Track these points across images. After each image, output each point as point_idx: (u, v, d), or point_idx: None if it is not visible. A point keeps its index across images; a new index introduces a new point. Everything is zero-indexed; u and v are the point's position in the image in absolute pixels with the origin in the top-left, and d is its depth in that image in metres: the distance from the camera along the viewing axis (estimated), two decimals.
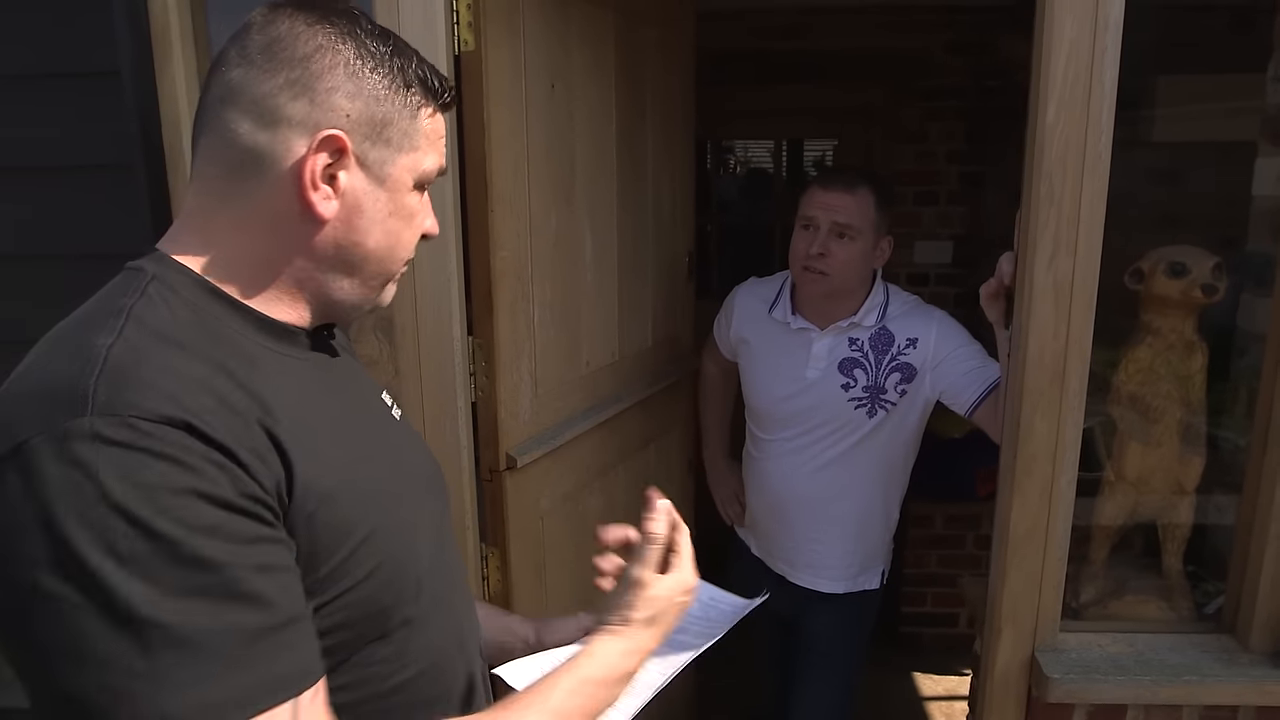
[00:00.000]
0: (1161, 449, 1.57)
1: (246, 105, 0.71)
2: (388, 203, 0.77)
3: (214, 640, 0.57)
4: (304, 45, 0.71)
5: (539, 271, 1.61)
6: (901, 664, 3.12)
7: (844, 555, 1.90)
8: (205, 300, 0.71)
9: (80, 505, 0.56)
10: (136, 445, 0.58)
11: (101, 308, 0.68)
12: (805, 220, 1.76)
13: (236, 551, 0.60)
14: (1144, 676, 1.42)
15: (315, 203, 0.72)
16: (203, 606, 0.57)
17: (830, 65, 3.27)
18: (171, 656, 0.56)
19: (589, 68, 1.72)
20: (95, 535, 0.56)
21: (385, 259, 0.79)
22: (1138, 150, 1.78)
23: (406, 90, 0.75)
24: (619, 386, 1.94)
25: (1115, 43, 1.25)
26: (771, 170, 4.17)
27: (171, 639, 0.56)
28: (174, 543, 0.57)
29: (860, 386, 1.79)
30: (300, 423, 0.69)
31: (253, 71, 0.71)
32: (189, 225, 0.74)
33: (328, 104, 0.71)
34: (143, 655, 0.55)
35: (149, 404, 0.60)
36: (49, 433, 0.58)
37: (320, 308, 0.79)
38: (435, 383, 1.43)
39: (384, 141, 0.75)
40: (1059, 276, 1.32)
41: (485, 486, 1.54)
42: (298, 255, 0.75)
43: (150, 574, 0.56)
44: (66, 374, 0.61)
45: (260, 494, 0.63)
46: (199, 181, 0.74)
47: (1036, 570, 1.43)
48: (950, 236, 3.45)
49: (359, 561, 0.71)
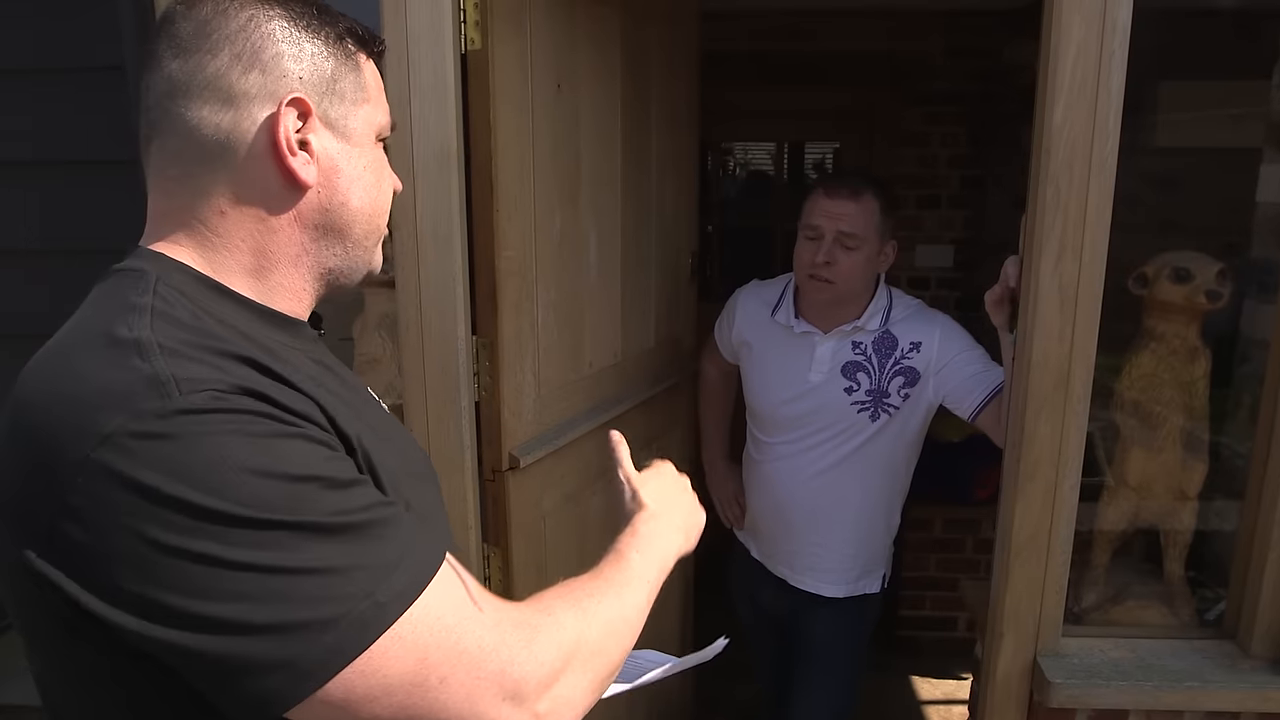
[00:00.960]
0: (1164, 455, 1.57)
1: (198, 92, 0.70)
2: (360, 157, 0.77)
3: (389, 530, 0.64)
4: (234, 20, 0.70)
5: (543, 272, 1.60)
6: (900, 667, 3.12)
7: (845, 559, 1.90)
8: (212, 298, 0.70)
9: (211, 473, 0.57)
10: (230, 407, 0.60)
11: (116, 306, 0.66)
12: (810, 230, 1.76)
13: (351, 471, 0.66)
14: (1146, 682, 1.42)
15: (296, 169, 0.72)
16: (364, 511, 0.63)
17: (831, 68, 3.27)
18: (373, 548, 0.63)
19: (595, 67, 1.72)
20: (242, 493, 0.58)
21: (371, 214, 0.79)
22: (1141, 155, 1.78)
23: (340, 43, 0.76)
24: (621, 387, 1.93)
25: (1123, 46, 1.25)
26: (772, 173, 4.17)
27: (362, 539, 0.62)
28: (302, 481, 0.61)
29: (863, 390, 1.79)
30: (335, 407, 0.70)
31: (193, 58, 0.70)
32: (169, 224, 0.73)
33: (278, 70, 0.71)
34: (355, 552, 0.62)
35: (219, 378, 0.61)
36: (140, 415, 0.58)
37: (319, 283, 0.79)
38: (439, 382, 1.42)
39: (338, 96, 0.75)
40: (1064, 280, 1.32)
41: (488, 486, 1.53)
42: (288, 230, 0.74)
43: (305, 508, 0.60)
44: (126, 367, 0.60)
45: (338, 444, 0.68)
46: (164, 184, 0.72)
47: (1039, 575, 1.43)
48: (951, 240, 3.45)
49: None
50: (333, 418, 0.68)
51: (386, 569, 0.62)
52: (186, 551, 0.57)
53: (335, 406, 0.69)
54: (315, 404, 0.67)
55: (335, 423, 0.68)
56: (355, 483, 0.65)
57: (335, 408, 0.69)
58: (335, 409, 0.69)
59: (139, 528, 0.57)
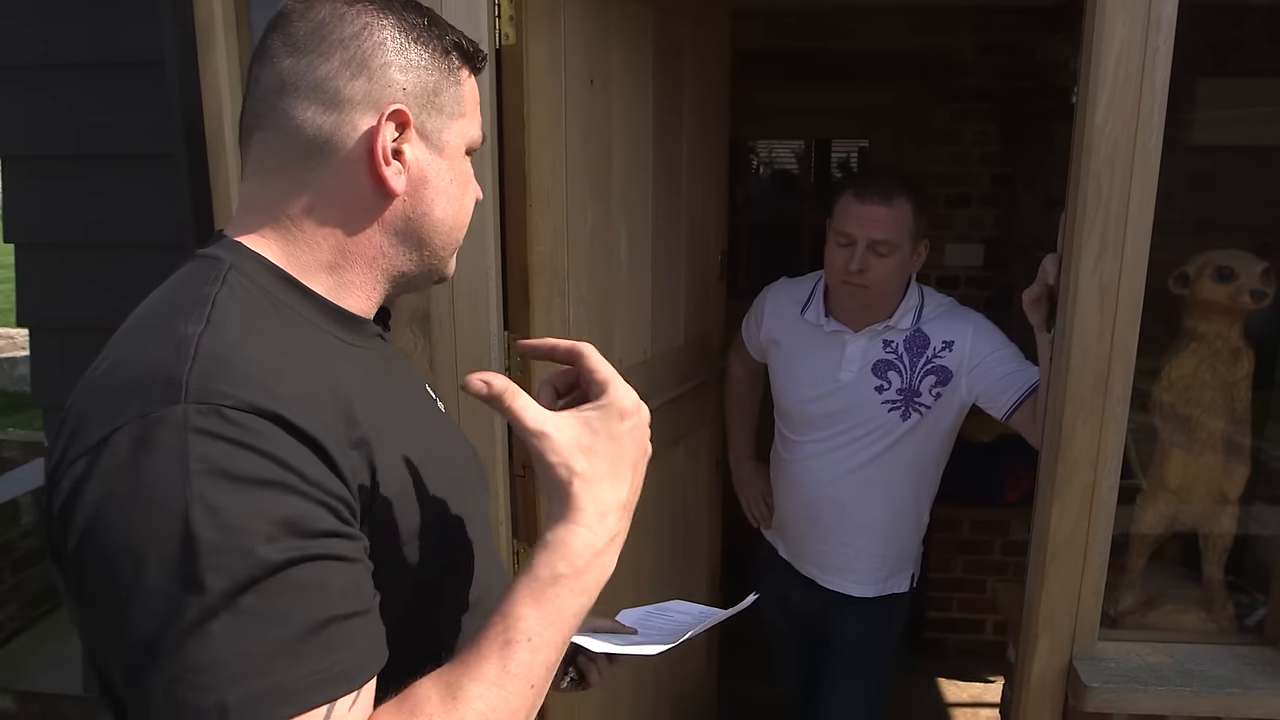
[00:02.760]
0: (1204, 457, 1.54)
1: (306, 92, 0.71)
2: (448, 170, 0.78)
3: (273, 632, 0.57)
4: (349, 26, 0.72)
5: (575, 268, 1.60)
6: (926, 669, 3.09)
7: (874, 559, 1.88)
8: (281, 289, 0.72)
9: (164, 491, 0.57)
10: (226, 435, 0.58)
11: (186, 296, 0.68)
12: (842, 237, 1.73)
13: (308, 546, 0.59)
14: (1184, 687, 1.40)
15: (388, 178, 0.73)
16: (266, 600, 0.57)
17: (860, 65, 3.25)
18: (232, 647, 0.56)
19: (627, 64, 1.71)
20: (175, 523, 0.56)
21: (452, 226, 0.80)
22: (1177, 153, 1.76)
23: (446, 57, 0.76)
24: (650, 384, 1.93)
25: (1168, 41, 1.23)
26: (797, 171, 4.15)
27: (233, 630, 0.56)
28: (251, 534, 0.57)
29: (894, 389, 1.77)
30: (375, 414, 0.70)
31: (305, 58, 0.71)
32: (257, 215, 0.74)
33: (384, 79, 0.72)
34: (206, 646, 0.56)
35: (240, 394, 0.60)
36: (142, 420, 0.59)
37: (391, 285, 0.79)
38: None
39: (437, 110, 0.76)
40: (1105, 279, 1.30)
41: (518, 482, 1.53)
42: (370, 233, 0.75)
43: (223, 567, 0.56)
44: (162, 363, 0.61)
45: (341, 488, 0.63)
46: (259, 175, 0.74)
47: (1076, 577, 1.41)
48: (981, 239, 3.42)
49: (425, 552, 0.72)
50: (360, 430, 0.66)
51: (259, 673, 0.56)
52: (101, 572, 0.58)
53: (371, 419, 0.68)
54: (345, 420, 0.66)
55: (362, 437, 0.67)
56: (303, 558, 0.59)
57: (370, 420, 0.68)
58: (369, 421, 0.68)
59: (81, 527, 0.59)
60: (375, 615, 0.65)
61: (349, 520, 0.63)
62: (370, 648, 0.63)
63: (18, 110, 1.64)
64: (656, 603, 1.19)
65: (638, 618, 1.13)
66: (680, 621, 1.09)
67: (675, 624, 1.09)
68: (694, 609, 1.15)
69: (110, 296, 0.70)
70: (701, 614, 1.12)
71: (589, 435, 0.70)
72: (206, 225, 1.40)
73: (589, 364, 0.74)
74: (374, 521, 0.67)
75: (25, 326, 1.69)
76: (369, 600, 0.64)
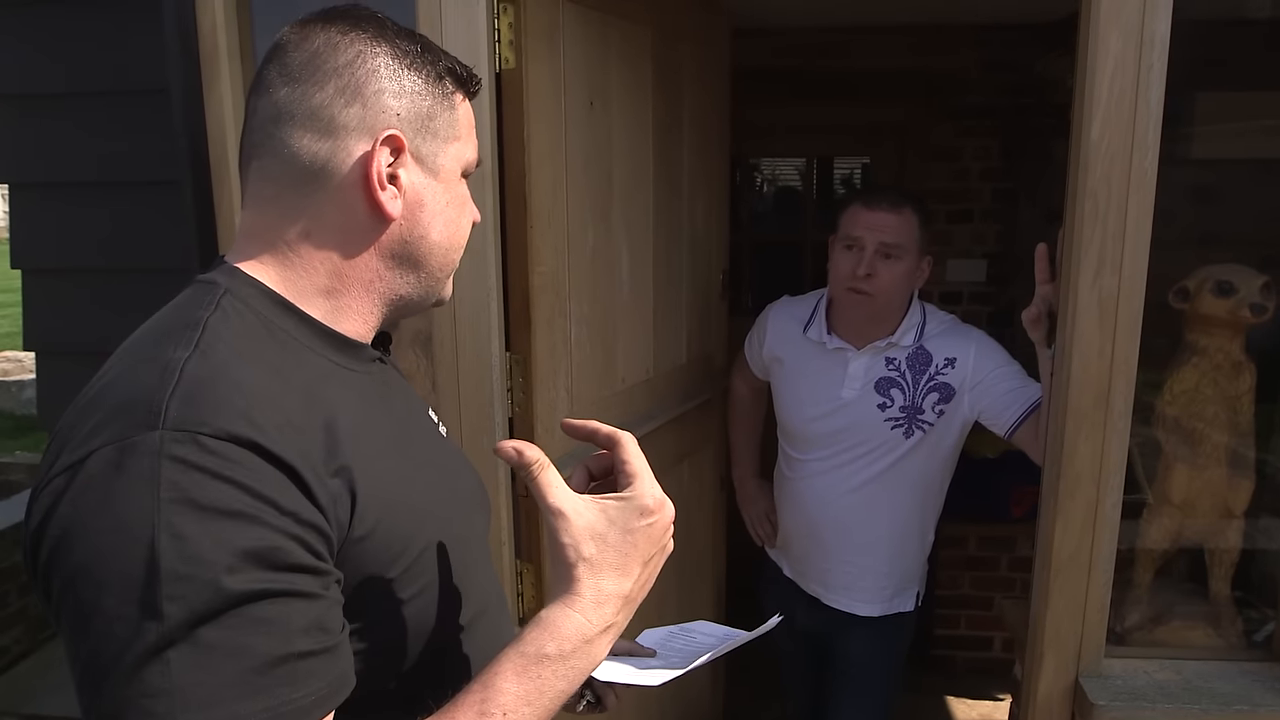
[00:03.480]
0: (1208, 472, 1.54)
1: (301, 120, 0.72)
2: (444, 193, 0.79)
3: (229, 664, 0.57)
4: (343, 54, 0.73)
5: (576, 288, 1.61)
6: (934, 687, 3.07)
7: (879, 577, 1.88)
8: (276, 313, 0.72)
9: (132, 516, 0.57)
10: (199, 464, 0.59)
11: (177, 320, 0.69)
12: (849, 240, 1.74)
13: (272, 580, 0.59)
14: (1193, 705, 1.39)
15: (384, 203, 0.74)
16: (226, 631, 0.57)
17: (862, 83, 3.26)
18: (187, 676, 0.56)
19: (627, 85, 1.73)
20: (140, 549, 0.57)
21: (449, 249, 0.81)
22: (1176, 167, 1.76)
23: (440, 82, 0.78)
24: (653, 403, 1.93)
25: (1161, 59, 1.23)
26: (800, 188, 4.16)
27: (190, 660, 0.56)
28: (214, 566, 0.57)
29: (897, 406, 1.77)
30: (362, 439, 0.70)
31: (300, 87, 0.73)
32: (255, 241, 0.75)
33: (378, 106, 0.73)
34: (161, 674, 0.56)
35: (218, 421, 0.60)
36: (119, 444, 0.59)
37: (389, 309, 0.80)
38: (473, 398, 1.43)
39: (431, 134, 0.77)
40: (1104, 294, 1.30)
41: (521, 502, 1.54)
42: (367, 258, 0.76)
43: (184, 597, 0.56)
44: (144, 387, 0.62)
45: (316, 517, 0.63)
46: (257, 203, 0.76)
47: (1080, 594, 1.40)
48: (984, 254, 3.42)
49: (413, 577, 0.72)
50: (342, 458, 0.67)
51: (211, 704, 0.56)
52: (64, 591, 0.59)
53: (357, 445, 0.69)
54: (328, 448, 0.66)
55: (344, 466, 0.67)
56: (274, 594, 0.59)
57: (356, 447, 0.68)
58: (355, 448, 0.68)
59: (50, 545, 0.60)
60: (339, 651, 0.64)
61: (321, 554, 0.63)
62: (329, 685, 0.63)
63: (25, 136, 1.66)
64: (680, 623, 1.18)
65: (659, 638, 1.12)
66: (702, 643, 1.08)
67: (696, 645, 1.08)
68: (718, 630, 1.13)
69: (116, 320, 0.72)
70: (724, 636, 1.11)
71: (605, 524, 0.71)
72: (211, 250, 1.41)
73: (623, 454, 0.75)
74: (355, 545, 0.67)
75: (32, 350, 1.71)
76: (335, 636, 0.64)
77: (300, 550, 0.61)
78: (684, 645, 1.09)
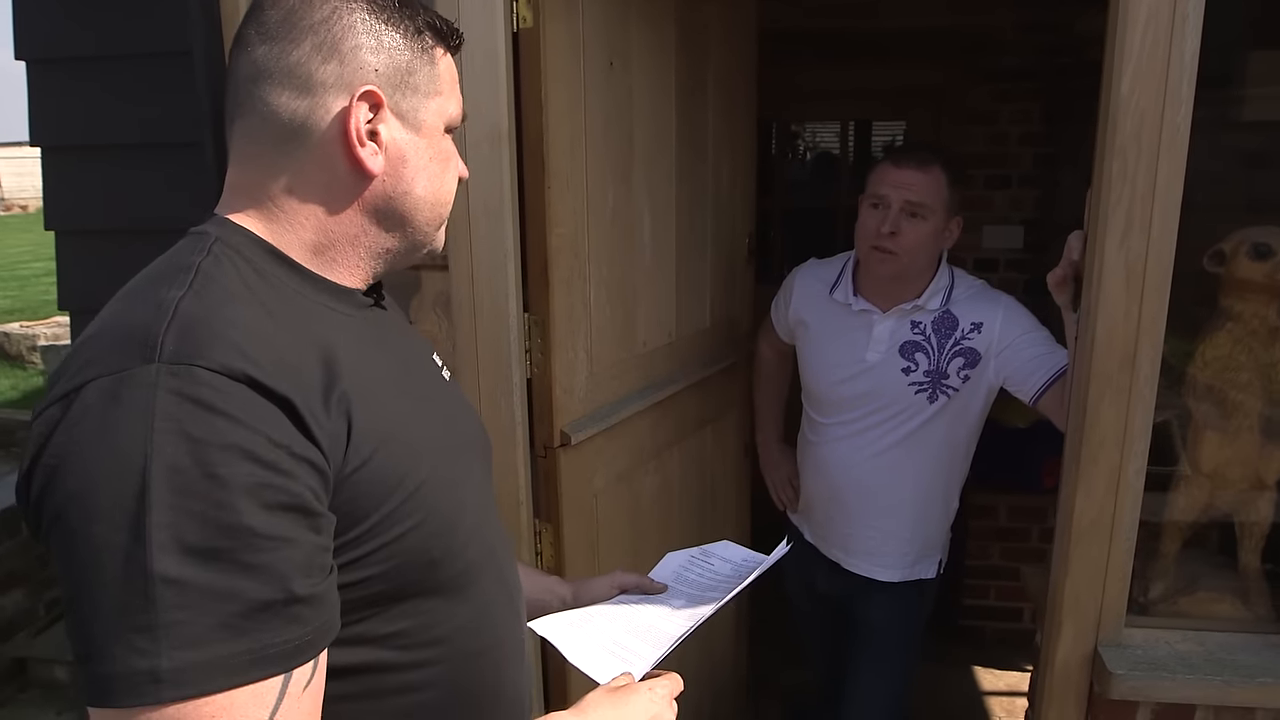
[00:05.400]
0: (1240, 441, 1.50)
1: (279, 78, 0.73)
2: (427, 148, 0.79)
3: (216, 605, 0.58)
4: (319, 11, 0.73)
5: (596, 250, 1.61)
6: (961, 657, 3.05)
7: (901, 543, 1.86)
8: (267, 261, 0.74)
9: (126, 447, 0.58)
10: (194, 396, 0.60)
11: (170, 265, 0.70)
12: (875, 199, 1.72)
13: (263, 520, 0.60)
14: (1215, 676, 1.36)
15: (364, 159, 0.75)
16: (214, 570, 0.58)
17: (898, 45, 3.19)
18: (174, 614, 0.57)
19: (649, 45, 1.71)
20: (133, 478, 0.58)
21: (434, 203, 0.81)
22: (1225, 130, 1.69)
23: (419, 36, 0.77)
24: (675, 367, 1.93)
25: (1197, 9, 1.18)
26: (838, 153, 4.10)
27: (177, 596, 0.57)
28: (205, 499, 0.58)
29: (921, 371, 1.75)
30: (359, 374, 0.71)
31: (277, 45, 0.73)
32: (241, 196, 0.76)
33: (355, 62, 0.73)
34: (146, 609, 0.56)
35: (214, 355, 0.61)
36: (115, 375, 0.61)
37: (378, 262, 0.81)
38: (491, 358, 1.44)
39: (411, 89, 0.77)
40: (1131, 256, 1.27)
41: (539, 463, 1.55)
42: (351, 214, 0.77)
43: (174, 527, 0.57)
44: (140, 323, 0.63)
45: (311, 451, 0.64)
46: (241, 160, 0.76)
47: (1101, 562, 1.38)
48: (1021, 221, 3.35)
49: (409, 512, 0.73)
50: (339, 390, 0.68)
51: (197, 643, 0.57)
52: (56, 519, 0.60)
53: (353, 380, 0.70)
54: (323, 381, 0.67)
55: (341, 398, 0.68)
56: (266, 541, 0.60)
57: (352, 381, 0.69)
58: (352, 382, 0.69)
59: (44, 473, 0.61)
60: (327, 597, 0.65)
61: (316, 492, 0.64)
62: (315, 630, 0.63)
63: (53, 100, 1.69)
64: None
65: (676, 566, 1.19)
66: (718, 571, 1.15)
67: (710, 579, 1.14)
68: (736, 554, 1.20)
69: None
70: (742, 561, 1.18)
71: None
72: None
73: None
74: (351, 477, 0.68)
75: (66, 310, 1.75)
76: (323, 580, 0.65)
77: (294, 486, 0.62)
78: (698, 577, 1.13)
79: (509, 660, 0.87)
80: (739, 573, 1.14)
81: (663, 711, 0.89)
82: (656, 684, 0.91)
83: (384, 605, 0.73)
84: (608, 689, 0.89)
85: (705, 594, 1.09)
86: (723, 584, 1.11)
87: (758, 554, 1.21)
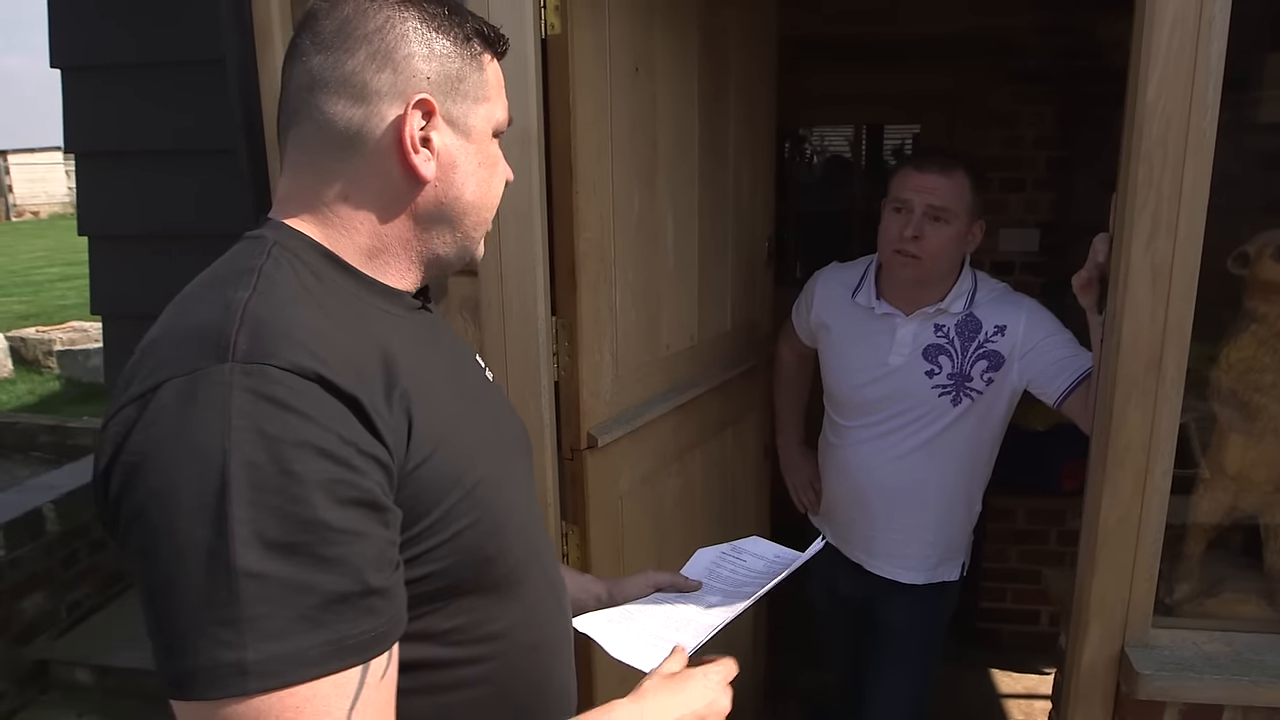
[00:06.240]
0: (1265, 443, 1.50)
1: (335, 87, 0.75)
2: (476, 154, 0.81)
3: (296, 598, 0.59)
4: (373, 20, 0.75)
5: (621, 254, 1.62)
6: (980, 660, 3.05)
7: (924, 546, 1.87)
8: (323, 265, 0.75)
9: (205, 445, 0.60)
10: (269, 395, 0.61)
11: (232, 269, 0.72)
12: (898, 203, 1.73)
13: (337, 515, 0.61)
14: (1243, 677, 1.37)
15: (418, 165, 0.76)
16: (293, 563, 0.59)
17: (913, 49, 3.20)
18: (257, 607, 0.58)
19: (672, 51, 1.72)
20: (213, 476, 0.59)
21: (481, 208, 0.83)
22: (1244, 132, 1.69)
23: (468, 43, 0.79)
24: (697, 370, 1.94)
25: (1224, 11, 1.19)
26: (850, 157, 4.11)
27: (260, 590, 0.58)
28: (283, 495, 0.59)
29: (945, 374, 1.76)
30: (415, 375, 0.73)
31: (332, 55, 0.75)
32: (295, 203, 0.78)
33: (409, 70, 0.75)
34: (230, 603, 0.58)
35: (285, 354, 0.63)
36: (191, 375, 0.62)
37: (426, 268, 0.83)
38: (519, 361, 1.46)
39: (461, 96, 0.79)
40: (1157, 259, 1.28)
41: (566, 465, 1.56)
42: (403, 218, 0.79)
43: (253, 522, 0.58)
44: (211, 324, 0.65)
45: (377, 448, 0.65)
46: (295, 168, 0.78)
47: (1128, 563, 1.39)
48: (1037, 224, 3.35)
49: (466, 510, 0.74)
50: (401, 390, 0.69)
51: (279, 635, 0.58)
52: (138, 516, 0.61)
53: (412, 379, 0.71)
54: (386, 381, 0.69)
55: (403, 396, 0.69)
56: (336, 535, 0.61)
57: (411, 381, 0.71)
58: (411, 381, 0.71)
59: (123, 472, 0.62)
60: (397, 589, 0.67)
61: (383, 487, 0.66)
62: (387, 621, 0.65)
63: (87, 107, 1.72)
64: None
65: (708, 563, 1.21)
66: (750, 567, 1.17)
67: (743, 575, 1.16)
68: (768, 550, 1.22)
69: (181, 286, 0.74)
70: (775, 557, 1.20)
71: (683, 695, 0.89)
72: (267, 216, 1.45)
73: None
74: (411, 474, 0.69)
75: (99, 314, 1.78)
76: (393, 573, 0.66)
77: (365, 482, 0.63)
78: (732, 572, 1.16)
79: (556, 655, 0.88)
80: (772, 569, 1.16)
81: (719, 696, 0.90)
82: (711, 669, 0.92)
83: (442, 601, 0.75)
84: (664, 675, 0.90)
85: (740, 589, 1.11)
86: (756, 579, 1.13)
87: (788, 549, 1.23)
